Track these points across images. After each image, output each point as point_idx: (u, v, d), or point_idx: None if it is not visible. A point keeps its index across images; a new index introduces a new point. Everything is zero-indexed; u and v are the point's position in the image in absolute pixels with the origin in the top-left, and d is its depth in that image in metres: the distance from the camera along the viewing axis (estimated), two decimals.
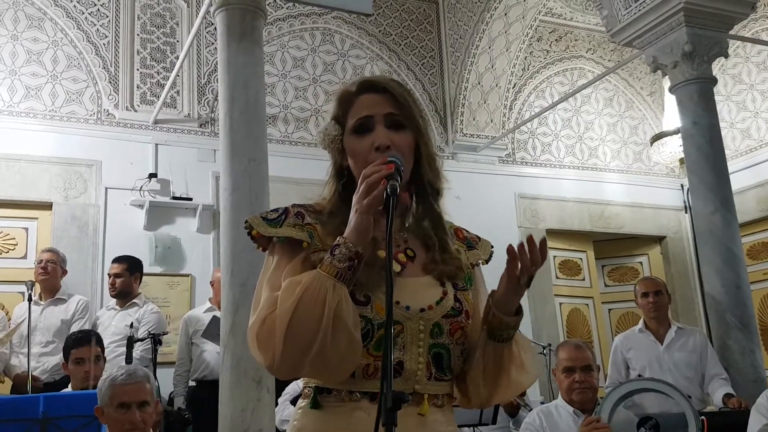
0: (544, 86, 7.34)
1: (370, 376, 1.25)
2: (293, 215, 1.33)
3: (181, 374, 4.78)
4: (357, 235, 1.21)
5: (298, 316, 1.17)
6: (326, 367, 1.21)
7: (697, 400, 3.86)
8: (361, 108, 1.36)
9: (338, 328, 1.17)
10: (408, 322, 1.27)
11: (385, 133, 1.32)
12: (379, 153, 1.30)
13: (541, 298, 6.64)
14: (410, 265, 1.34)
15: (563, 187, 7.13)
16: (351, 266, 1.20)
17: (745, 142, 7.16)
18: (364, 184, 1.21)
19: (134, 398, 2.37)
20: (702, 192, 4.34)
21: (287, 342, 1.18)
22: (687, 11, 4.32)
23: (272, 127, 6.00)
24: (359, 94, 1.38)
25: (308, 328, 1.17)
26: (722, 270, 4.19)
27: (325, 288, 1.18)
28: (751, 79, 7.18)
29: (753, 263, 6.65)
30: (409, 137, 1.34)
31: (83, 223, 5.38)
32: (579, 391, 2.94)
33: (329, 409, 1.26)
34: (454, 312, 1.31)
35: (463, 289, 1.36)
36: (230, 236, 3.63)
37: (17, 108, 5.40)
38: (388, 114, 1.34)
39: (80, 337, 3.62)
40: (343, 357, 1.20)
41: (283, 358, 1.19)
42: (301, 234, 1.30)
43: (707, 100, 4.44)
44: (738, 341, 4.11)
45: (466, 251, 1.44)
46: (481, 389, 1.35)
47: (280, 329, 1.18)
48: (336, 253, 1.21)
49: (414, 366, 1.26)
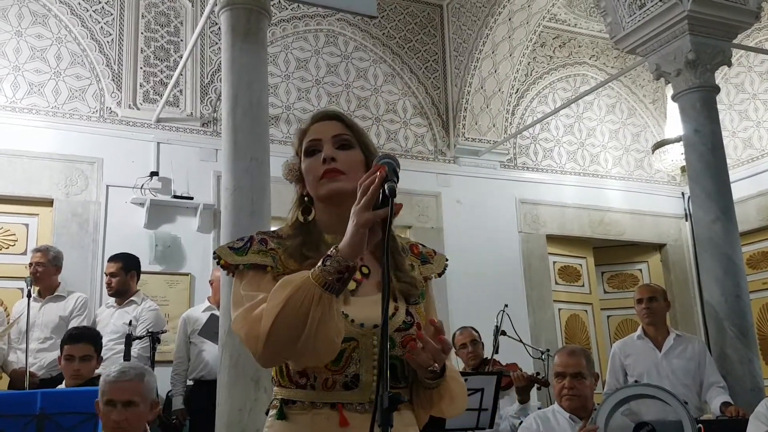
0: (547, 92, 7.35)
1: (329, 389, 1.34)
2: (257, 242, 1.43)
3: (180, 373, 4.78)
4: (350, 250, 1.25)
5: (283, 317, 1.24)
6: (305, 357, 1.30)
7: (695, 408, 3.86)
8: (311, 134, 1.49)
9: (318, 335, 1.25)
10: (362, 338, 1.35)
11: (331, 150, 1.44)
12: (326, 165, 1.42)
13: (541, 303, 6.65)
14: (365, 282, 1.41)
15: (564, 192, 7.13)
16: (340, 278, 1.25)
17: (747, 151, 7.17)
18: (365, 199, 1.24)
19: (120, 397, 2.36)
20: (703, 200, 4.35)
21: (269, 338, 1.25)
22: (691, 19, 4.33)
23: (274, 128, 6.01)
24: (312, 124, 1.51)
25: (291, 332, 1.25)
26: (722, 279, 4.19)
27: (311, 297, 1.24)
28: (753, 88, 7.18)
29: (753, 272, 6.66)
30: (357, 155, 1.46)
31: (84, 220, 5.38)
32: (567, 397, 2.95)
33: (293, 418, 1.37)
34: (405, 325, 1.39)
35: (415, 303, 1.44)
36: (231, 236, 3.63)
37: (20, 104, 5.41)
38: (336, 135, 1.46)
39: (74, 334, 3.61)
40: (319, 359, 1.31)
41: (266, 350, 1.28)
42: (265, 259, 1.40)
43: (710, 108, 4.44)
44: (736, 350, 4.10)
45: (420, 266, 1.52)
46: (419, 411, 1.45)
47: (264, 325, 1.26)
48: (327, 264, 1.25)
49: (369, 378, 1.35)
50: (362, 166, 1.44)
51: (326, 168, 1.42)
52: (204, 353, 4.67)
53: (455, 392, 1.43)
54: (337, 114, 1.52)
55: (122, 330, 4.28)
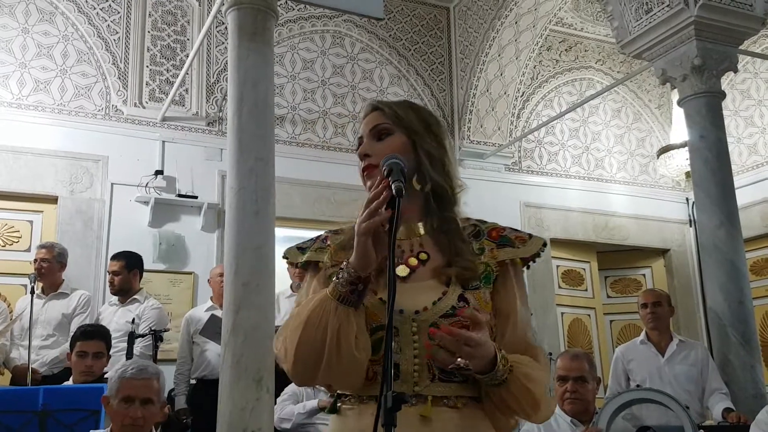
0: (553, 95, 7.35)
1: (372, 380, 1.30)
2: (320, 240, 1.46)
3: (183, 373, 4.78)
4: (357, 261, 1.25)
5: (305, 335, 1.26)
6: (334, 379, 1.31)
7: (697, 414, 3.85)
8: (360, 133, 1.48)
9: (340, 348, 1.24)
10: (402, 325, 1.29)
11: (367, 145, 1.42)
12: (363, 162, 1.41)
13: (543, 307, 6.64)
14: (420, 269, 1.37)
15: (568, 196, 7.12)
16: (354, 290, 1.25)
17: (752, 158, 7.16)
18: (367, 211, 1.25)
19: (139, 394, 2.34)
20: (707, 206, 4.34)
21: (297, 358, 1.28)
22: (698, 25, 4.33)
23: (280, 128, 6.02)
24: (362, 121, 1.49)
25: (314, 347, 1.26)
26: (725, 285, 4.18)
27: (328, 311, 1.25)
28: (759, 94, 7.17)
29: (756, 279, 6.64)
30: (395, 140, 1.40)
31: (88, 217, 5.39)
32: (570, 401, 2.94)
33: (344, 412, 1.35)
34: (454, 311, 1.30)
35: (474, 289, 1.35)
36: (235, 235, 3.64)
37: (26, 101, 5.43)
38: (373, 128, 1.43)
39: (89, 330, 3.63)
40: (346, 372, 1.27)
41: (294, 371, 1.31)
42: (319, 256, 1.42)
43: (715, 114, 4.43)
44: (739, 356, 4.09)
45: (495, 249, 1.41)
46: (495, 415, 1.33)
47: (290, 347, 1.29)
48: (340, 277, 1.27)
49: (410, 368, 1.28)
50: (404, 149, 1.39)
51: (363, 165, 1.41)
52: (207, 353, 4.67)
53: (534, 392, 1.29)
54: (375, 104, 1.46)
55: (125, 328, 4.27)
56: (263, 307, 3.54)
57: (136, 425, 2.33)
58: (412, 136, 1.40)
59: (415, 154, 1.39)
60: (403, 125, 1.41)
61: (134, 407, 2.32)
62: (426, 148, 1.40)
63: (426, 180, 1.39)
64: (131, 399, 2.33)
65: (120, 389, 2.35)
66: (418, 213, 1.41)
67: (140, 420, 2.33)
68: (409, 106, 1.46)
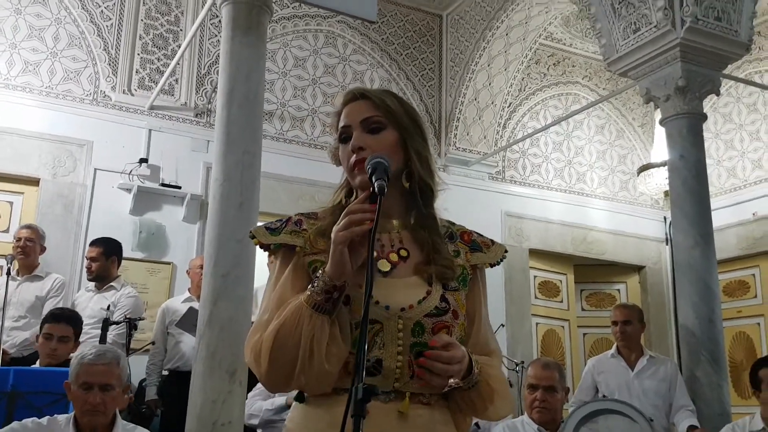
0: (539, 108, 7.43)
1: (349, 374, 1.28)
2: (293, 223, 1.41)
3: (156, 363, 4.76)
4: (332, 269, 1.25)
5: (278, 343, 1.26)
6: (306, 386, 1.31)
7: (663, 429, 3.91)
8: (343, 119, 1.43)
9: (312, 358, 1.25)
10: (387, 321, 1.30)
11: (359, 137, 1.38)
12: (355, 155, 1.37)
13: (519, 316, 6.70)
14: (401, 265, 1.37)
15: (549, 208, 7.20)
16: (329, 298, 1.25)
17: (730, 181, 7.28)
18: (347, 219, 1.24)
19: (98, 380, 2.31)
20: (683, 225, 4.40)
21: (270, 365, 1.27)
22: (683, 47, 4.40)
23: (268, 123, 6.02)
24: (343, 107, 1.45)
25: (288, 355, 1.26)
26: (697, 303, 4.24)
27: (303, 319, 1.25)
28: (740, 119, 7.29)
29: (728, 300, 6.74)
30: (388, 136, 1.39)
31: (69, 201, 5.36)
32: (538, 410, 2.99)
33: (312, 401, 1.34)
34: (437, 311, 1.33)
35: (453, 290, 1.38)
36: (216, 226, 3.64)
37: (14, 81, 5.39)
38: (364, 120, 1.39)
39: (57, 313, 3.62)
40: (316, 381, 1.28)
41: (268, 377, 1.30)
42: (295, 239, 1.37)
43: (696, 135, 4.50)
44: (707, 374, 4.15)
45: (468, 253, 1.45)
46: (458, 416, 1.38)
47: (264, 353, 1.28)
48: (315, 285, 1.26)
49: (392, 364, 1.29)
50: (396, 146, 1.38)
51: (355, 159, 1.36)
52: (181, 344, 4.65)
53: (498, 391, 1.36)
54: (365, 92, 1.43)
55: (100, 315, 4.25)
56: (241, 300, 3.55)
57: (96, 411, 2.30)
58: (403, 133, 1.40)
59: (404, 152, 1.40)
60: (395, 120, 1.40)
61: (93, 393, 2.29)
62: (415, 147, 1.41)
63: (414, 178, 1.40)
64: (90, 385, 2.30)
65: (79, 375, 2.32)
66: (398, 208, 1.42)
67: (100, 406, 2.30)
68: (395, 97, 1.44)
